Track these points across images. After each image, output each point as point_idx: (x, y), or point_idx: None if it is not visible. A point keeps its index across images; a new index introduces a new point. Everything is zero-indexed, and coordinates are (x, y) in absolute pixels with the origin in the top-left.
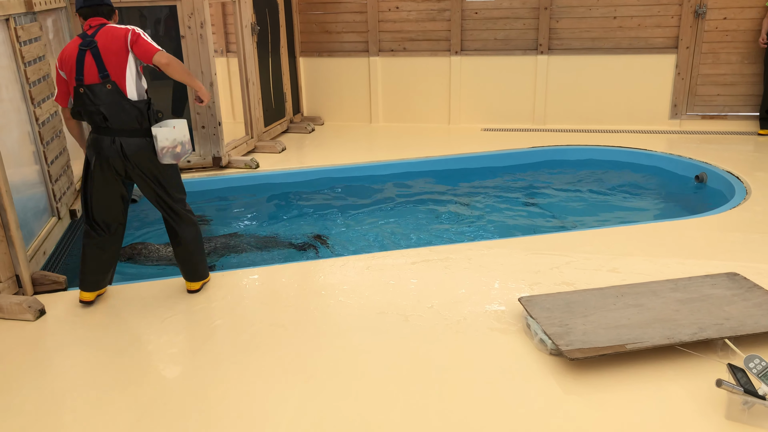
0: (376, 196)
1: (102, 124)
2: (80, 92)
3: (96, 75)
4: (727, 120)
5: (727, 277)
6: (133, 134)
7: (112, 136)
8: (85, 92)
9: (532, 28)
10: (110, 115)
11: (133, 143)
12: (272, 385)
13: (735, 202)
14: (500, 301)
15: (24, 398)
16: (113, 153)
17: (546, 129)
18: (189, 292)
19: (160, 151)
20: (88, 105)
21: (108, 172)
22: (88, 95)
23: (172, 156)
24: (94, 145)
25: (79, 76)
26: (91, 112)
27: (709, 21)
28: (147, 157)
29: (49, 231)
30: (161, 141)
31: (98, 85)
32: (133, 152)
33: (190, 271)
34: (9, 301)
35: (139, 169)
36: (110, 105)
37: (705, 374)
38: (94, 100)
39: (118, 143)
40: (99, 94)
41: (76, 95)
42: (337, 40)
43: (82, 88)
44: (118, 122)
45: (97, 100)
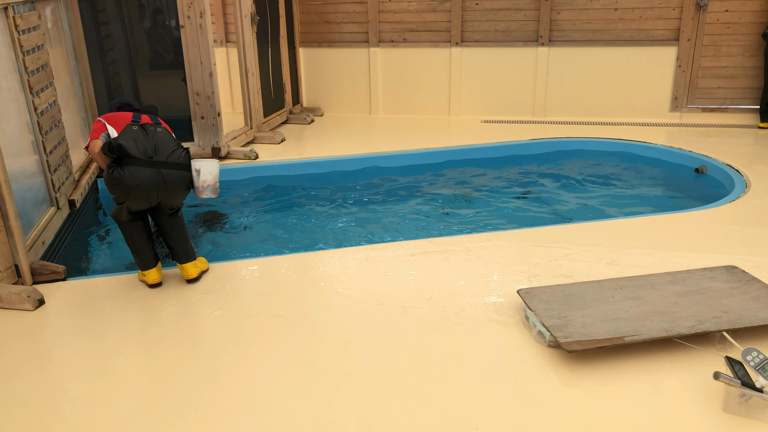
0: (376, 187)
1: (148, 156)
2: (133, 129)
3: (150, 120)
4: (727, 113)
5: (726, 270)
6: (177, 167)
7: (158, 167)
8: (139, 129)
9: (532, 20)
10: (160, 149)
11: (175, 175)
12: (271, 376)
13: (734, 195)
14: (499, 293)
15: (23, 387)
16: (153, 184)
17: (546, 121)
18: (188, 281)
19: (201, 184)
20: (139, 138)
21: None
22: (142, 131)
23: (212, 190)
24: (133, 177)
25: (136, 119)
26: (138, 143)
27: (710, 13)
28: (184, 187)
29: (48, 221)
30: (204, 174)
31: (151, 125)
32: (173, 184)
33: (183, 252)
34: (8, 290)
35: (173, 198)
36: (160, 140)
37: (703, 367)
38: (147, 134)
39: (161, 175)
40: (151, 131)
41: (125, 130)
42: (336, 30)
43: (136, 125)
44: (165, 155)
45: (149, 135)
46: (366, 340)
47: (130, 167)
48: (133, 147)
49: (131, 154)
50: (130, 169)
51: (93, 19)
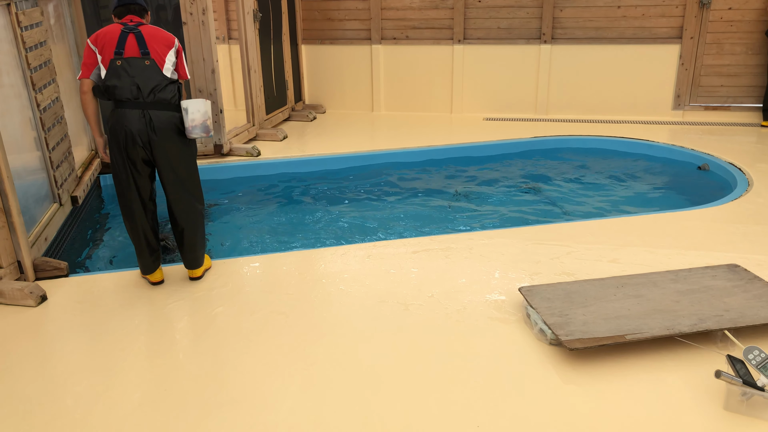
0: (378, 184)
1: (134, 95)
2: (117, 64)
3: (137, 50)
4: (730, 111)
5: (728, 268)
6: (165, 108)
7: (142, 109)
8: (122, 64)
9: (535, 17)
10: (144, 87)
11: (163, 116)
12: (273, 372)
13: (737, 193)
14: (500, 291)
15: (26, 383)
16: (141, 126)
17: (548, 119)
18: (191, 279)
19: (189, 123)
20: (122, 77)
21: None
22: (125, 67)
23: (203, 129)
24: (120, 120)
25: (119, 49)
26: (124, 84)
27: (713, 11)
28: (175, 132)
29: (51, 217)
30: (192, 113)
31: (137, 59)
32: (162, 125)
33: (192, 259)
34: (11, 287)
35: (163, 145)
36: (146, 78)
37: (704, 365)
38: (130, 71)
39: (147, 116)
40: (136, 67)
41: (110, 68)
42: (339, 27)
43: (119, 60)
44: (151, 95)
45: (134, 71)
46: (367, 337)
47: (119, 110)
48: (120, 88)
49: (118, 97)
50: (119, 111)
51: (95, 16)
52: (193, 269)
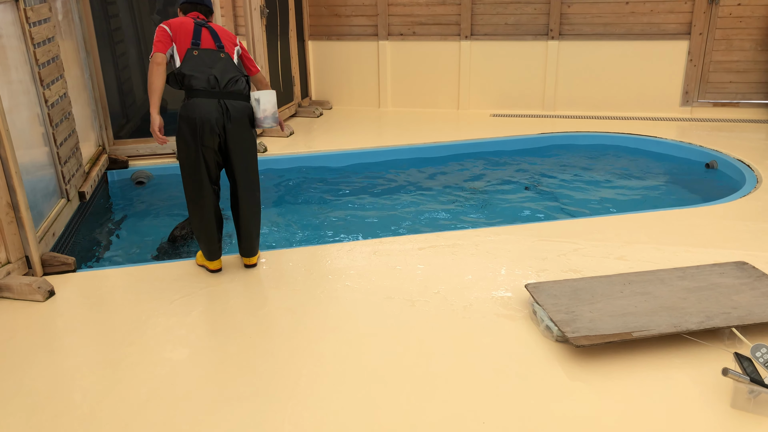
0: (384, 181)
1: (211, 85)
2: (194, 54)
3: (212, 43)
4: (739, 107)
5: (736, 266)
6: (239, 98)
7: (218, 98)
8: (200, 55)
9: (543, 13)
10: (221, 78)
11: (238, 106)
12: (279, 368)
13: (745, 190)
14: (507, 288)
15: (34, 377)
16: (219, 114)
17: (556, 115)
18: (246, 266)
19: (261, 113)
20: (200, 66)
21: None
22: (202, 58)
23: (273, 119)
24: (198, 108)
25: (195, 40)
26: (201, 74)
27: (723, 7)
28: (248, 121)
29: (59, 213)
30: (264, 104)
31: (213, 50)
32: (237, 114)
33: (249, 248)
34: (19, 281)
35: (237, 133)
36: (222, 69)
37: (711, 363)
38: (208, 62)
39: (224, 105)
40: (213, 59)
41: (187, 57)
42: (346, 23)
43: (197, 51)
44: (228, 85)
45: (211, 62)
46: (374, 333)
47: (195, 99)
48: (197, 78)
49: (195, 86)
50: (195, 101)
51: (103, 12)
52: (249, 257)
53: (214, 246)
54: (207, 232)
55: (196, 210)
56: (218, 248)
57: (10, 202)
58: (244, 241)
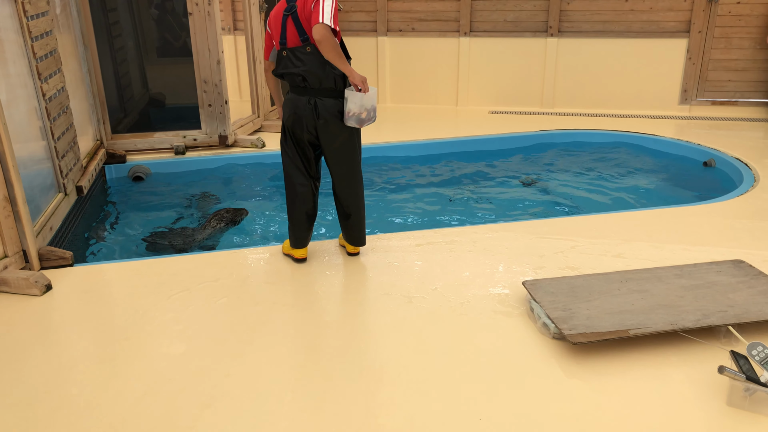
0: (382, 177)
1: (301, 84)
2: (283, 55)
3: (297, 39)
4: (737, 106)
5: (733, 264)
6: (329, 95)
7: (309, 96)
8: (288, 56)
9: (542, 10)
10: (309, 77)
11: (327, 103)
12: (275, 363)
13: (743, 189)
14: (504, 285)
15: (30, 372)
16: (308, 112)
17: (554, 113)
18: (350, 254)
19: (346, 113)
20: (290, 67)
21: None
22: (291, 59)
23: (356, 120)
24: (291, 104)
25: (282, 40)
26: (292, 74)
27: (722, 5)
28: (337, 117)
29: (56, 207)
30: (350, 104)
31: (300, 48)
32: (325, 112)
33: (356, 237)
34: (16, 276)
35: (327, 129)
36: (310, 68)
37: (708, 361)
38: (296, 62)
39: (313, 102)
40: (301, 57)
41: (279, 58)
42: (345, 19)
43: (285, 51)
44: (317, 83)
45: (299, 62)
46: (371, 329)
47: (291, 94)
48: (289, 78)
49: (289, 83)
50: (290, 96)
51: (101, 6)
52: (356, 246)
53: (302, 234)
54: (295, 218)
55: (289, 195)
56: (305, 237)
57: (7, 195)
58: (350, 231)
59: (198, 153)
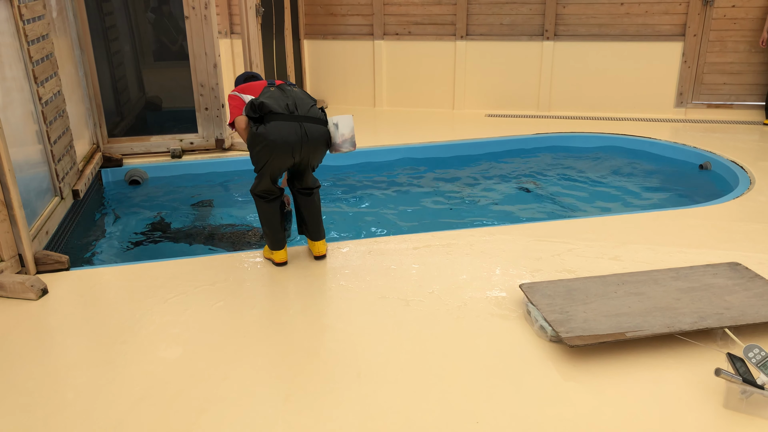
0: (379, 180)
1: (290, 111)
2: (270, 90)
3: (284, 83)
4: (732, 109)
5: (729, 266)
6: (317, 122)
7: (299, 122)
8: (275, 89)
9: (538, 14)
10: (299, 105)
11: (316, 129)
12: (272, 367)
13: (738, 191)
14: (501, 288)
15: (27, 376)
16: (297, 138)
17: (550, 116)
18: (317, 258)
19: (340, 138)
20: (278, 97)
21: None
22: (278, 91)
23: (351, 143)
24: (275, 130)
25: (270, 83)
26: (279, 101)
27: (717, 8)
28: (324, 143)
29: (52, 211)
30: (342, 128)
31: (286, 84)
32: (314, 137)
33: (317, 230)
34: (12, 280)
35: (311, 153)
36: (298, 98)
37: (704, 363)
38: (284, 94)
39: (303, 129)
40: (288, 90)
41: (264, 93)
42: (342, 22)
43: (272, 87)
44: (305, 110)
45: (286, 94)
46: (368, 333)
47: (273, 123)
48: (275, 104)
49: (274, 110)
50: (273, 124)
51: (98, 9)
52: (318, 241)
53: (280, 235)
54: (273, 223)
55: (261, 203)
56: (283, 237)
57: (2, 199)
58: (309, 225)
59: (195, 156)
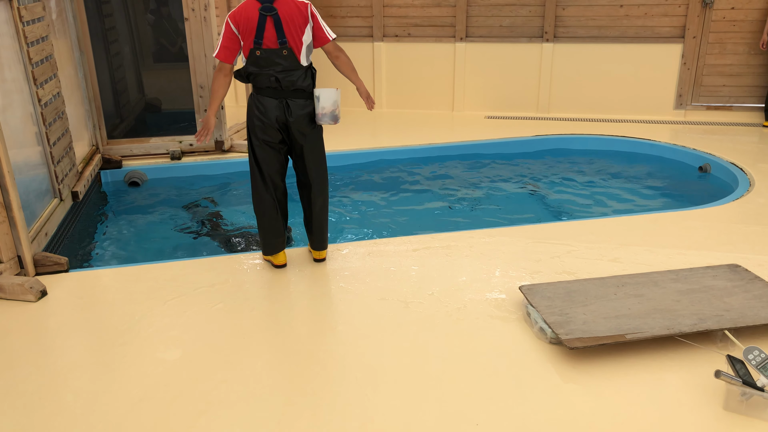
0: (379, 182)
1: (273, 85)
2: (256, 54)
3: (275, 41)
4: (732, 111)
5: (729, 268)
6: (299, 96)
7: (281, 98)
8: (262, 55)
9: (537, 16)
10: (283, 79)
11: (298, 104)
12: (271, 369)
13: (738, 193)
14: (501, 289)
15: (25, 378)
16: (279, 112)
17: (550, 117)
18: (316, 261)
19: (320, 110)
20: (262, 67)
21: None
22: (264, 58)
23: (331, 117)
24: (259, 105)
25: (258, 39)
26: (264, 74)
27: (716, 11)
28: (308, 116)
29: (51, 212)
30: (323, 101)
31: (276, 50)
32: (298, 112)
33: (320, 241)
34: (11, 281)
35: (298, 129)
36: (284, 70)
37: (704, 365)
38: (270, 62)
39: (284, 103)
40: (276, 60)
41: (250, 57)
42: (341, 24)
43: (259, 51)
44: (290, 85)
45: (273, 62)
46: (367, 335)
47: (259, 96)
48: (260, 78)
49: (259, 85)
50: (259, 98)
51: (97, 11)
52: (319, 251)
53: (272, 240)
54: (266, 225)
55: (257, 202)
56: (281, 242)
57: (2, 201)
58: (314, 235)
59: (194, 158)
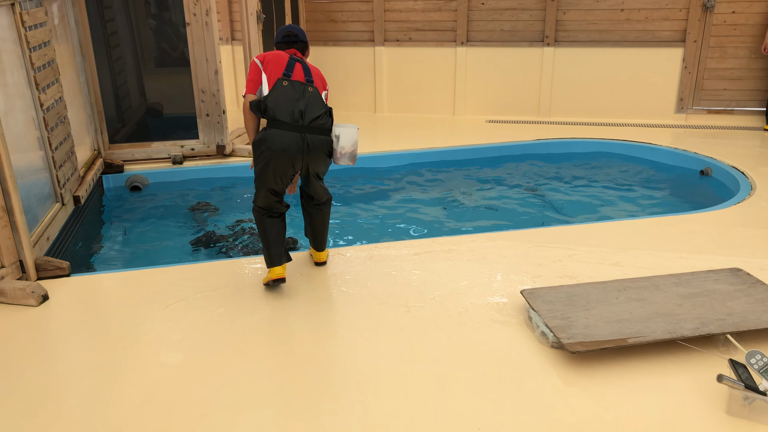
0: (380, 186)
1: (294, 120)
2: (283, 84)
3: (302, 77)
4: (733, 115)
5: (731, 272)
6: (320, 133)
7: (302, 132)
8: (289, 86)
9: (538, 20)
10: (307, 114)
11: (319, 140)
12: (273, 373)
13: (740, 197)
14: (502, 294)
15: (27, 382)
16: (297, 148)
17: (551, 121)
18: (317, 264)
19: (339, 150)
20: (287, 98)
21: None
22: (292, 90)
23: (349, 158)
24: (277, 139)
25: (288, 72)
26: (286, 105)
27: (717, 14)
28: (326, 152)
29: (53, 217)
30: (343, 140)
31: (303, 84)
32: (317, 147)
33: (321, 242)
34: (12, 286)
35: (314, 161)
36: (309, 104)
37: (706, 369)
38: (296, 95)
39: (305, 139)
40: (301, 92)
41: (276, 87)
42: (342, 29)
43: (286, 81)
44: (312, 119)
45: (299, 95)
46: (369, 339)
47: (276, 130)
48: (281, 109)
49: (277, 117)
50: (276, 132)
51: (99, 16)
52: (320, 252)
53: (278, 249)
54: (267, 237)
55: (260, 215)
56: (281, 252)
57: (4, 205)
58: (316, 237)
59: (196, 162)
